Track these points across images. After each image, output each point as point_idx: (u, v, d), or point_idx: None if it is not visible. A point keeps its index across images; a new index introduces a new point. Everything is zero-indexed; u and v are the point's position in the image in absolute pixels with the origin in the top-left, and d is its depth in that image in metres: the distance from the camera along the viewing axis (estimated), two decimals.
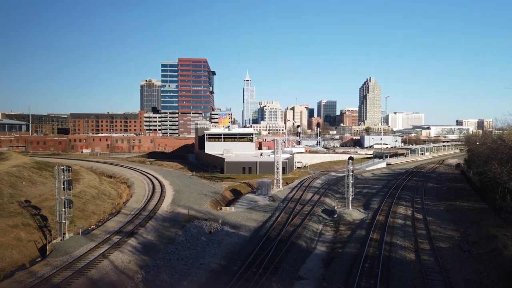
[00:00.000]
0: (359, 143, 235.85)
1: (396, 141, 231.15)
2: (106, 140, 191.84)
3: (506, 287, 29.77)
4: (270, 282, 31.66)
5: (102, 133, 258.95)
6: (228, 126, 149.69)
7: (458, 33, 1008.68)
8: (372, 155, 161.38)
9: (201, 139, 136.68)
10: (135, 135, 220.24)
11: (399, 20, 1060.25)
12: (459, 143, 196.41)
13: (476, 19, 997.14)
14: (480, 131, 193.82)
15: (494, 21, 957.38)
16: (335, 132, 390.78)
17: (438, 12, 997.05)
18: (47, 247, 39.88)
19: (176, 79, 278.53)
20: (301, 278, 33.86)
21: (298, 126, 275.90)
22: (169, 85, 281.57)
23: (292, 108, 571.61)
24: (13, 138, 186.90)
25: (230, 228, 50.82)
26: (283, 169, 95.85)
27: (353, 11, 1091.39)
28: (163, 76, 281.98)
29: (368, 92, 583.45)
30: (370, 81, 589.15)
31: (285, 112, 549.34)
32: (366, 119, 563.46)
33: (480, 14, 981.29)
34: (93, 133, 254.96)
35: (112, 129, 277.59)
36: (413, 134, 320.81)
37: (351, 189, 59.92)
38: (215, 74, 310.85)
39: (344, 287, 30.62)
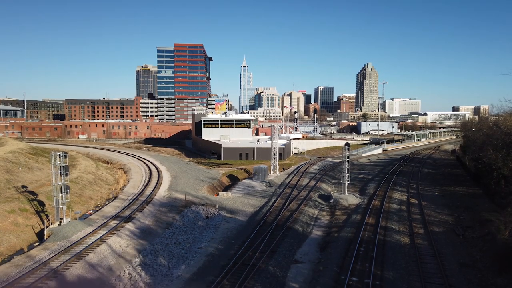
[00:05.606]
0: (355, 129, 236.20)
1: (393, 127, 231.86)
2: (102, 126, 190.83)
3: (499, 270, 30.32)
4: (267, 266, 32.07)
5: (98, 119, 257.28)
6: (225, 112, 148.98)
7: (455, 19, 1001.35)
8: (368, 141, 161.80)
9: (198, 125, 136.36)
10: (131, 121, 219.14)
11: (397, 6, 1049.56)
12: (455, 129, 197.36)
13: (472, 5, 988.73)
14: (476, 117, 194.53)
15: (490, 8, 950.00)
16: (332, 118, 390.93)
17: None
18: (45, 231, 40.01)
19: (173, 64, 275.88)
20: (298, 262, 34.31)
21: (295, 112, 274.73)
22: (165, 71, 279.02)
23: (289, 94, 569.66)
24: (8, 124, 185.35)
25: (227, 213, 51.19)
26: (280, 155, 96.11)
27: None
28: (159, 61, 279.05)
29: (365, 79, 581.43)
30: (367, 67, 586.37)
31: (282, 98, 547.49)
32: (363, 105, 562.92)
33: (477, 1, 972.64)
34: (89, 119, 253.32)
35: (108, 115, 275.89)
36: (409, 120, 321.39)
37: (347, 175, 60.25)
38: (212, 60, 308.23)
39: (340, 270, 31.07)
